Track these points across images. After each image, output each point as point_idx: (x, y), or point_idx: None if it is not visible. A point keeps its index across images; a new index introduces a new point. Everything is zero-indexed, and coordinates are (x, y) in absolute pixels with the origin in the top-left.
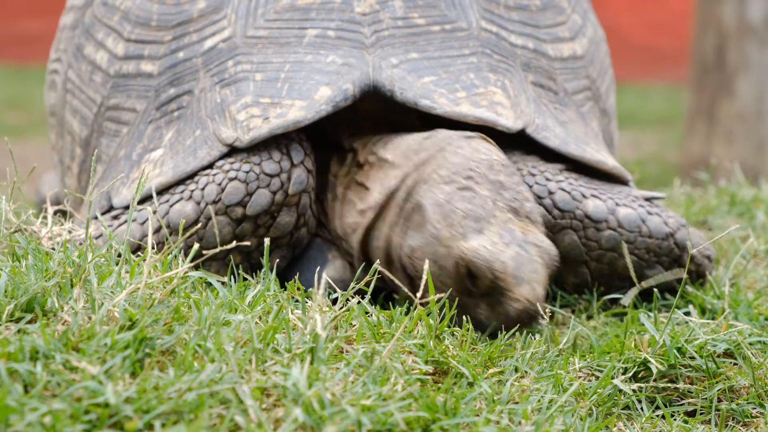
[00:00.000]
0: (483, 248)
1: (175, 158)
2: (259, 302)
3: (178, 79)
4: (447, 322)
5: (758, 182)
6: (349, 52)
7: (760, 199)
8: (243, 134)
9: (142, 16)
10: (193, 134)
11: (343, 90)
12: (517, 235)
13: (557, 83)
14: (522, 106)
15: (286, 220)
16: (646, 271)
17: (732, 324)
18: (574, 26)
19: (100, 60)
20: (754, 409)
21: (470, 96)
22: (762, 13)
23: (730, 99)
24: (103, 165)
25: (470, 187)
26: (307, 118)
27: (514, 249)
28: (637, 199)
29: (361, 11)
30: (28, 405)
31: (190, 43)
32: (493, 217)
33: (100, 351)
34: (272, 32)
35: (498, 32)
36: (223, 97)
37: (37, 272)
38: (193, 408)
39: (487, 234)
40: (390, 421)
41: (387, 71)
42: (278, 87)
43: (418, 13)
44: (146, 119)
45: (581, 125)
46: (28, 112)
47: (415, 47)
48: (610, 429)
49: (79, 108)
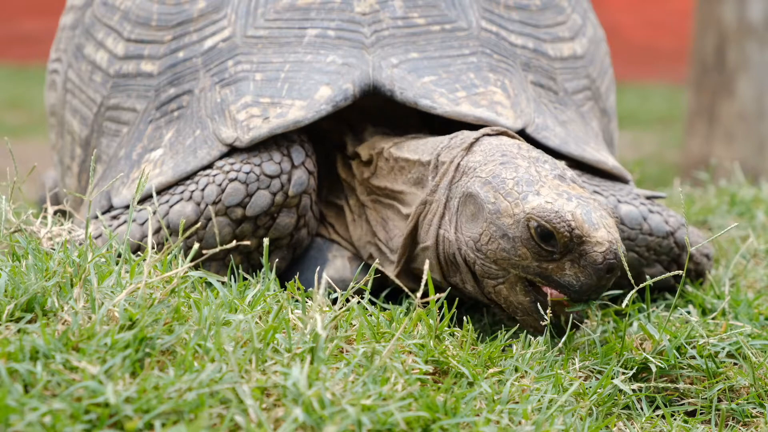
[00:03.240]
0: (547, 203)
1: (175, 158)
2: (259, 302)
3: (178, 79)
4: (447, 322)
5: (758, 182)
6: (349, 51)
7: (760, 199)
8: (243, 134)
9: (142, 15)
10: (193, 134)
11: (343, 90)
12: (572, 193)
13: (557, 83)
14: (522, 106)
15: (286, 221)
16: (645, 270)
17: (732, 324)
18: (574, 26)
19: (100, 60)
20: (754, 409)
21: (470, 96)
22: (762, 13)
23: (730, 99)
24: (103, 165)
25: (509, 161)
26: (307, 117)
27: (575, 201)
28: (638, 197)
29: (361, 11)
30: (28, 405)
31: (190, 43)
32: (542, 181)
33: (100, 351)
34: (272, 32)
35: (498, 32)
36: (223, 97)
37: (37, 272)
38: (193, 408)
39: (543, 194)
40: (390, 420)
41: (387, 71)
42: (278, 87)
43: (418, 13)
44: (146, 119)
45: (581, 125)
46: (28, 112)
47: (415, 47)
48: (610, 429)
49: (79, 108)
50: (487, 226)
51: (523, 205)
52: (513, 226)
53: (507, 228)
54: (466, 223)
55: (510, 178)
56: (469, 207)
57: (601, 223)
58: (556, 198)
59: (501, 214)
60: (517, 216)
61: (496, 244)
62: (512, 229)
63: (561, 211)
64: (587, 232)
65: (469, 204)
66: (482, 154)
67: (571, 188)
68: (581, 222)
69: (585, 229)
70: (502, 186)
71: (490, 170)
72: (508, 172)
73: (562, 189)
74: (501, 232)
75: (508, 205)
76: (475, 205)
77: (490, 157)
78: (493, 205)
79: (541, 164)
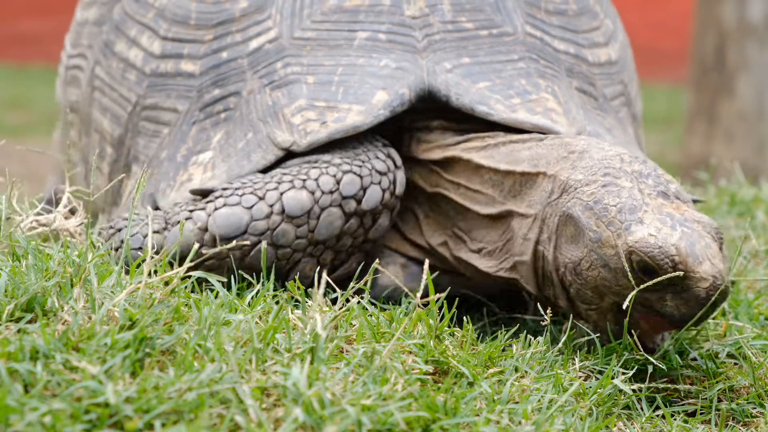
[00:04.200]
0: (650, 236)
1: (228, 161)
2: (259, 302)
3: (223, 80)
4: (447, 322)
5: (758, 182)
6: (402, 55)
7: (760, 199)
8: (300, 138)
9: (179, 14)
10: (244, 137)
11: (400, 94)
12: (675, 216)
13: (597, 89)
14: (573, 113)
15: (385, 223)
16: None
17: (732, 324)
18: (607, 31)
19: (134, 58)
20: (754, 409)
21: (525, 102)
22: (762, 13)
23: (730, 99)
24: (141, 165)
25: (612, 182)
26: (366, 122)
27: (679, 230)
28: None
29: (411, 14)
30: (28, 405)
31: (233, 43)
32: (645, 204)
33: (100, 351)
34: (320, 34)
35: (542, 37)
36: (274, 100)
37: (37, 272)
38: (193, 408)
39: (647, 222)
40: (390, 420)
41: (442, 76)
42: (333, 90)
43: (465, 17)
44: (189, 120)
45: (621, 131)
46: (28, 112)
47: (465, 52)
48: (610, 429)
49: (110, 106)
50: (588, 252)
51: (626, 236)
52: (615, 257)
53: (608, 258)
54: (566, 244)
55: (612, 205)
56: (569, 228)
57: (706, 255)
58: (660, 227)
59: (603, 243)
60: (618, 248)
61: (597, 272)
62: (614, 260)
63: (665, 246)
64: (691, 267)
65: (569, 225)
66: (583, 172)
67: (675, 209)
68: (685, 257)
69: (689, 264)
70: (604, 213)
71: (592, 193)
72: (611, 197)
73: (665, 211)
74: (602, 261)
75: (610, 235)
76: (576, 228)
77: (592, 176)
78: (595, 234)
79: (644, 180)
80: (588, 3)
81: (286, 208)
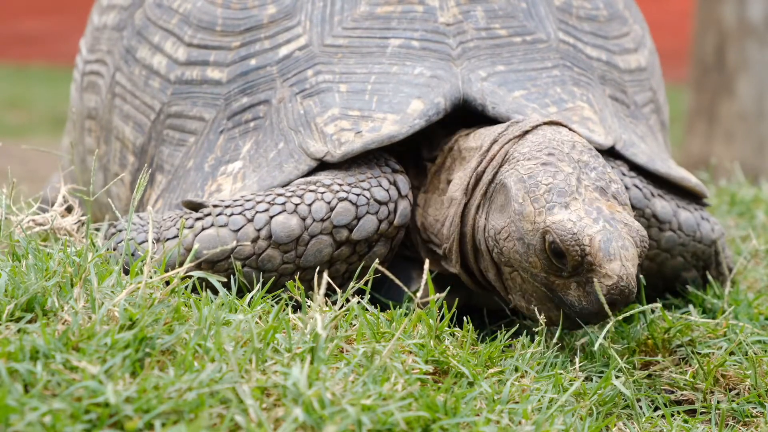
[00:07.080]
0: (569, 221)
1: (259, 171)
2: (259, 302)
3: (251, 88)
4: (447, 322)
5: (758, 182)
6: (436, 63)
7: (760, 199)
8: (334, 148)
9: (204, 20)
10: (276, 147)
11: (435, 104)
12: (604, 212)
13: (628, 96)
14: (608, 122)
15: (382, 251)
16: (683, 273)
17: (732, 324)
18: (636, 37)
19: (157, 64)
20: (754, 409)
21: (561, 111)
22: (762, 13)
23: (730, 99)
24: (166, 175)
25: (552, 162)
26: (401, 132)
27: (601, 224)
28: (691, 203)
29: (445, 21)
30: (28, 404)
31: (262, 50)
32: (578, 193)
33: (100, 351)
34: (352, 41)
35: (575, 44)
36: (306, 109)
37: (38, 272)
38: (193, 407)
39: (572, 208)
40: (390, 420)
41: (477, 84)
42: (366, 99)
43: (499, 24)
44: (216, 129)
45: (653, 139)
46: (28, 112)
47: (500, 59)
48: (610, 429)
49: (133, 114)
50: (509, 222)
51: (546, 215)
52: (531, 233)
53: (525, 233)
54: (495, 212)
55: (544, 183)
56: (501, 196)
57: (619, 255)
58: (582, 217)
59: (524, 217)
60: (536, 225)
61: (512, 243)
62: (529, 235)
63: (579, 233)
64: (599, 261)
65: (501, 194)
66: (530, 146)
67: (608, 206)
68: (596, 250)
69: (598, 258)
70: (534, 188)
71: (530, 168)
72: (546, 175)
73: (596, 205)
74: (519, 234)
75: (532, 211)
76: (505, 197)
77: (537, 152)
78: (519, 206)
79: (588, 171)
80: (618, 8)
81: (273, 234)
